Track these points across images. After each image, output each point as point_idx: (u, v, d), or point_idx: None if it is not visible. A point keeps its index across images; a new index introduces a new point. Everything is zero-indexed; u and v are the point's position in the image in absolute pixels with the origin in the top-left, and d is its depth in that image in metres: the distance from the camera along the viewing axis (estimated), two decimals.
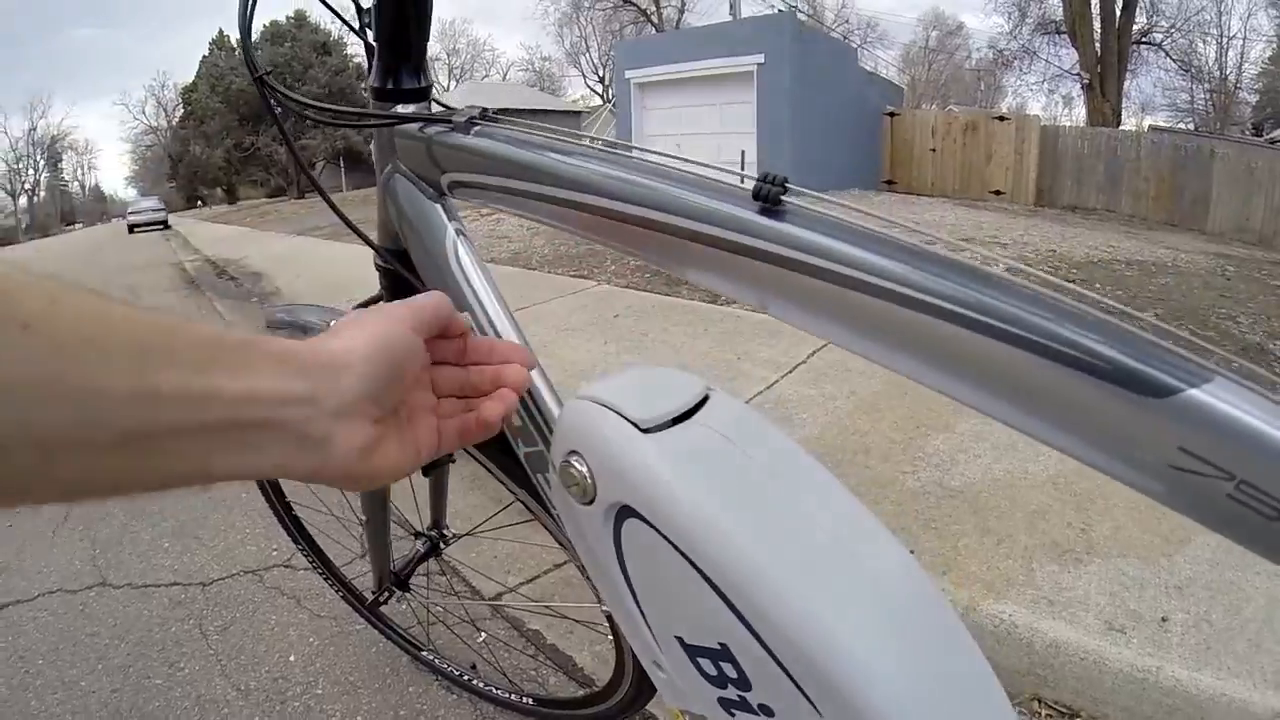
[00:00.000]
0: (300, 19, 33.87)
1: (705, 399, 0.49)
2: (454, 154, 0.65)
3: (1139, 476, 0.37)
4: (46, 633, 1.69)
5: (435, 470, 1.09)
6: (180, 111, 43.59)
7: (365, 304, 0.84)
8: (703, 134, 12.86)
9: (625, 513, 0.46)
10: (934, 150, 13.32)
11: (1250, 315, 4.28)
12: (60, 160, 58.44)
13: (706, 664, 0.45)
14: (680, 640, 0.47)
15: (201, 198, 42.99)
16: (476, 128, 0.63)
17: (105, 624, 1.71)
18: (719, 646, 0.44)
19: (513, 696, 1.25)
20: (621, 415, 0.46)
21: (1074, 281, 4.65)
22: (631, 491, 0.45)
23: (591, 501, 0.48)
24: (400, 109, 0.70)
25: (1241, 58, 27.47)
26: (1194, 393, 0.34)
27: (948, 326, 0.40)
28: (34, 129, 54.77)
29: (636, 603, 0.49)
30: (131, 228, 24.91)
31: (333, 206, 0.85)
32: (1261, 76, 28.41)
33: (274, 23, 33.62)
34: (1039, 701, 1.27)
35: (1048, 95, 31.63)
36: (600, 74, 39.34)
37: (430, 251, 0.71)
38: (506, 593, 1.65)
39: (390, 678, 1.44)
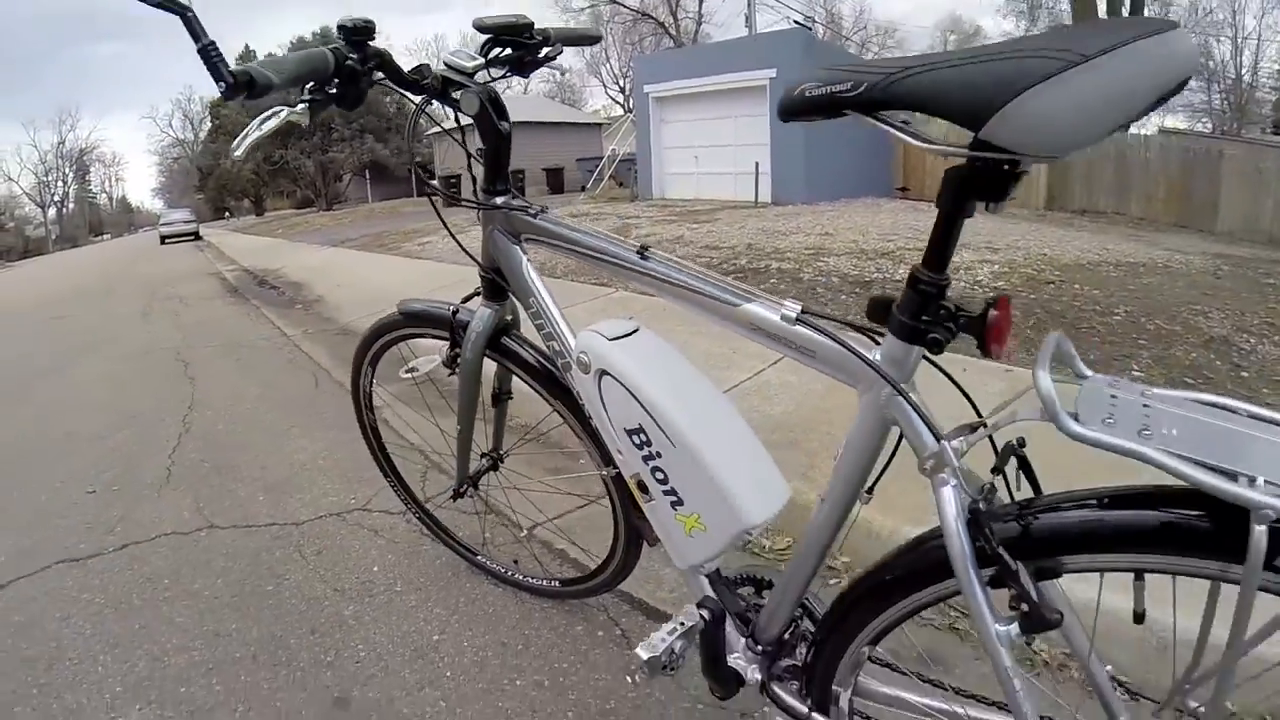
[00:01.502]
0: (326, 35, 34.68)
1: (637, 330, 0.98)
2: (525, 224, 1.23)
3: (772, 343, 0.88)
4: (168, 561, 2.15)
5: (499, 404, 1.56)
6: (207, 125, 44.81)
7: (467, 299, 1.35)
8: (719, 146, 13.31)
9: (602, 374, 1.01)
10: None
11: (1224, 311, 4.42)
12: (88, 172, 60.11)
13: (636, 438, 0.96)
14: (625, 430, 0.97)
15: (229, 209, 43.96)
16: (535, 213, 1.21)
17: (218, 553, 2.17)
18: (638, 426, 0.95)
19: (544, 582, 1.70)
20: (600, 335, 1.01)
21: (1051, 283, 4.99)
22: (604, 364, 1.00)
23: (588, 372, 0.98)
24: (499, 200, 1.26)
25: (1257, 56, 27.45)
26: (745, 306, 0.81)
27: (669, 288, 0.99)
28: (62, 142, 56.66)
29: (610, 423, 0.97)
30: (164, 239, 25.70)
31: (454, 236, 1.43)
32: None
33: (300, 39, 34.52)
34: None
35: None
36: (621, 84, 39.81)
37: (512, 270, 1.27)
38: (540, 524, 2.10)
39: (452, 579, 1.90)
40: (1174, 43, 0.55)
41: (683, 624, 1.06)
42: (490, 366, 1.47)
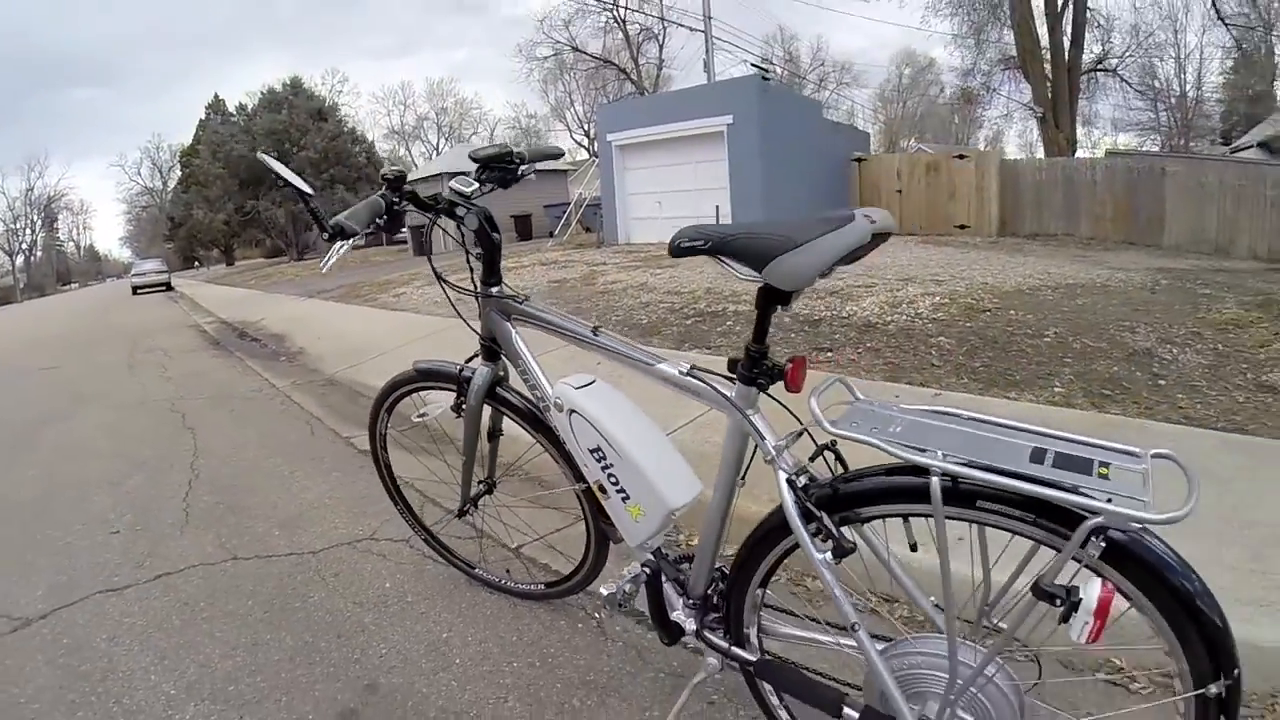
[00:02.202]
0: (296, 85, 35.21)
1: (594, 381, 1.40)
2: (513, 308, 1.67)
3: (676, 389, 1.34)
4: (200, 588, 2.46)
5: (493, 440, 1.96)
6: (176, 173, 44.81)
7: (470, 359, 1.73)
8: (680, 191, 13.82)
9: (572, 412, 1.44)
10: (900, 191, 14.27)
11: (1152, 325, 4.66)
12: (56, 220, 59.53)
13: (596, 455, 1.36)
14: (588, 449, 1.36)
15: (199, 258, 43.84)
16: (523, 303, 1.63)
17: (246, 579, 2.48)
18: (597, 446, 1.35)
19: (532, 586, 2.06)
20: (570, 385, 1.47)
21: (988, 311, 5.39)
22: (573, 405, 1.45)
23: (562, 411, 1.38)
24: (494, 290, 1.69)
25: (1200, 72, 28.78)
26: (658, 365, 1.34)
27: (613, 354, 1.45)
28: (31, 189, 55.78)
29: (578, 445, 1.36)
30: (135, 289, 25.44)
31: (461, 315, 1.80)
32: (1225, 86, 29.66)
33: (270, 90, 34.95)
34: None
35: (1023, 124, 33.03)
36: (585, 127, 40.59)
37: (505, 340, 1.70)
38: (527, 542, 2.44)
39: (454, 590, 2.24)
40: (850, 230, 1.03)
41: (631, 574, 1.48)
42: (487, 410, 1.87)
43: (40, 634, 2.25)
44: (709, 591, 1.39)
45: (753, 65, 24.39)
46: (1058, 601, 0.90)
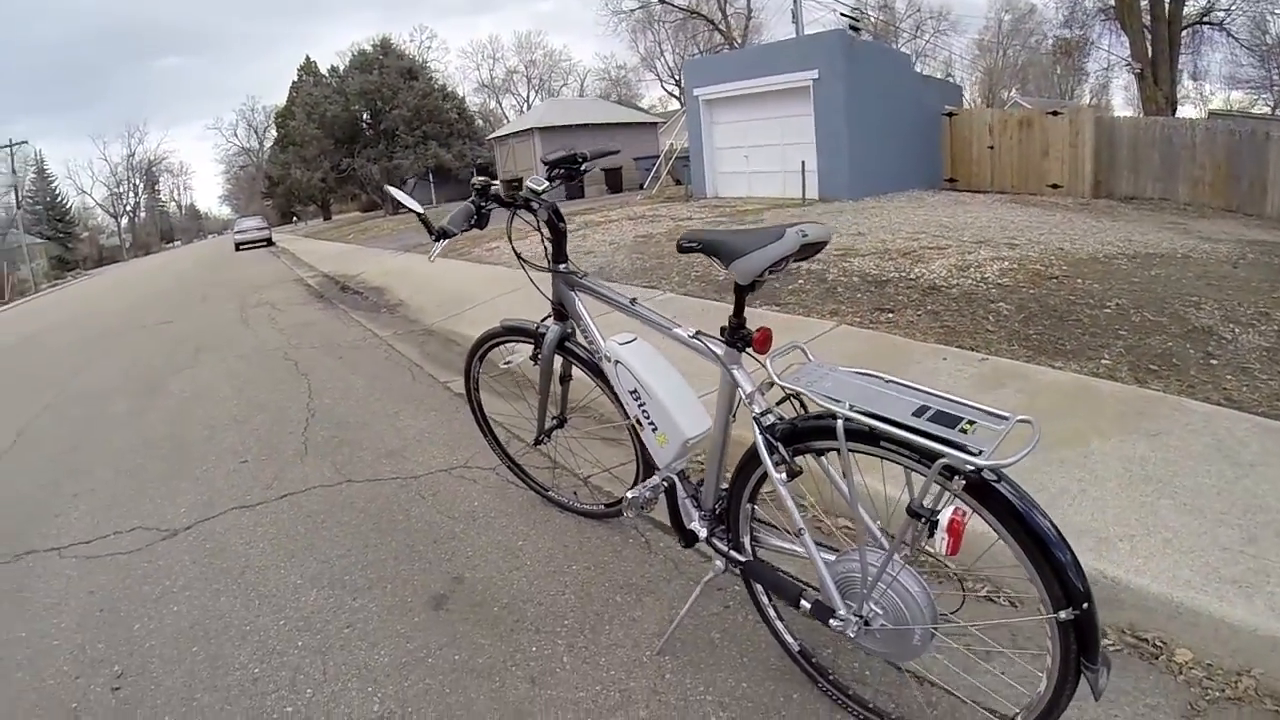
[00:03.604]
0: (385, 46, 36.15)
1: (635, 340, 1.76)
2: (575, 282, 2.09)
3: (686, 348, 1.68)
4: (320, 504, 2.96)
5: (564, 383, 2.37)
6: (272, 134, 46.86)
7: (545, 319, 2.15)
8: (767, 146, 13.71)
9: (617, 362, 1.85)
10: (992, 148, 13.79)
11: (1220, 302, 4.47)
12: (157, 182, 63.74)
13: (634, 395, 1.77)
14: (629, 391, 1.75)
15: (296, 214, 45.93)
16: (582, 278, 2.06)
17: (357, 498, 2.97)
18: (634, 389, 1.75)
19: (594, 507, 2.48)
20: (616, 343, 1.88)
21: (1055, 278, 5.37)
22: (618, 357, 1.87)
23: (610, 362, 1.77)
24: (561, 267, 2.09)
25: None
26: (674, 330, 1.66)
27: (645, 322, 1.84)
28: (132, 154, 60.15)
29: (622, 388, 1.76)
30: (238, 246, 26.64)
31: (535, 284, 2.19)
32: None
33: (361, 51, 35.95)
34: None
35: (1127, 78, 30.84)
36: (676, 77, 39.97)
37: (569, 305, 2.12)
38: (595, 473, 2.82)
39: (530, 509, 2.67)
40: (780, 244, 1.36)
41: (651, 484, 1.82)
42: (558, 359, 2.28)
43: (187, 541, 2.80)
44: (715, 506, 1.73)
45: (842, 15, 23.77)
46: (922, 520, 1.17)
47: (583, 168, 2.08)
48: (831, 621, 1.41)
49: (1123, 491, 2.14)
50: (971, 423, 1.15)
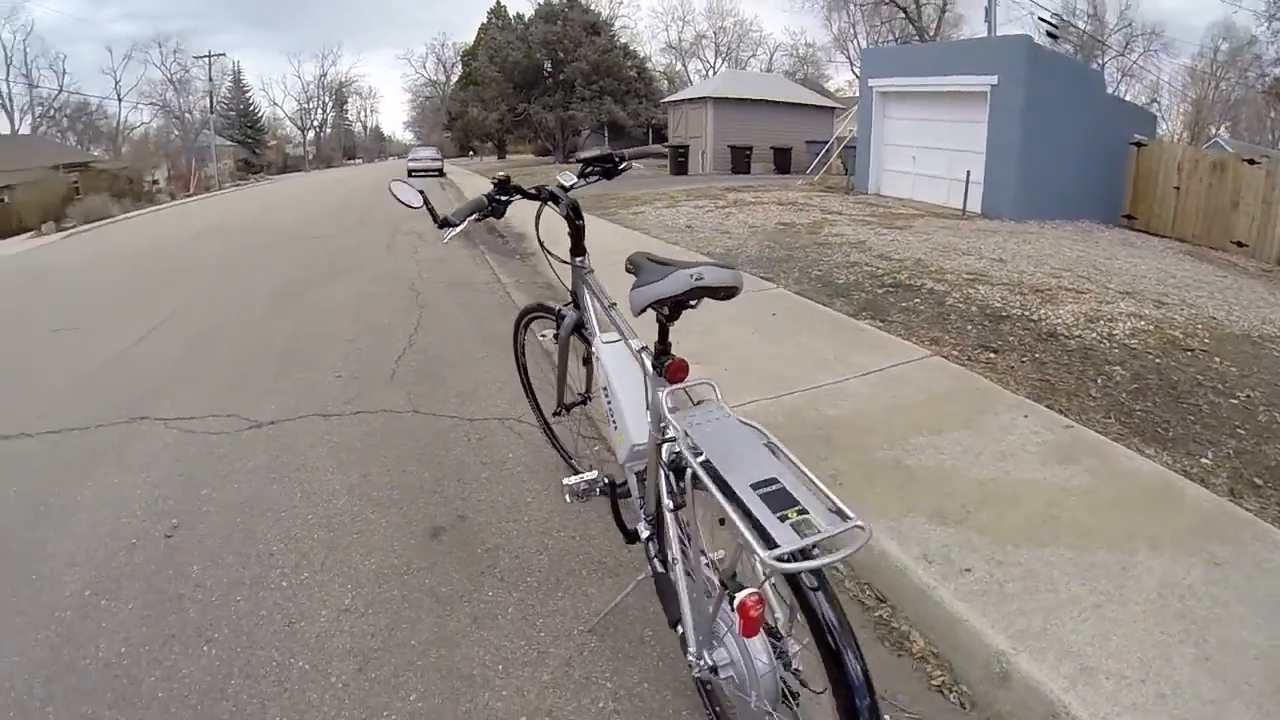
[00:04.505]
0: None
1: (619, 341, 1.89)
2: (584, 276, 2.17)
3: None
4: (383, 426, 3.33)
5: (588, 364, 2.48)
6: (458, 70, 49.07)
7: (566, 304, 2.28)
8: (936, 149, 12.89)
9: (598, 359, 2.02)
10: (1178, 188, 12.50)
11: None
12: (346, 103, 67.97)
13: (605, 392, 1.92)
14: (602, 387, 1.92)
15: (474, 149, 48.03)
16: (589, 274, 2.15)
17: (416, 428, 3.30)
18: (606, 386, 1.89)
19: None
20: (600, 339, 2.03)
21: (1190, 351, 4.80)
22: (599, 353, 2.02)
23: (595, 355, 1.96)
24: (578, 260, 2.16)
25: None
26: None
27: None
28: (324, 74, 64.77)
29: (600, 382, 1.91)
30: (410, 172, 27.76)
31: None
32: None
33: (548, 1, 36.84)
34: None
35: None
36: None
37: (579, 295, 2.22)
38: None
39: (554, 471, 2.87)
40: (666, 282, 1.41)
41: (589, 478, 1.94)
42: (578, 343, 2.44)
43: (265, 433, 3.28)
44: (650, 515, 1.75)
45: (1040, 20, 22.11)
46: (728, 589, 1.21)
47: (622, 166, 2.20)
48: (688, 655, 1.43)
49: (1144, 620, 1.85)
50: (804, 513, 1.10)
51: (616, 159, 2.19)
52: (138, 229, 15.46)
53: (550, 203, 2.14)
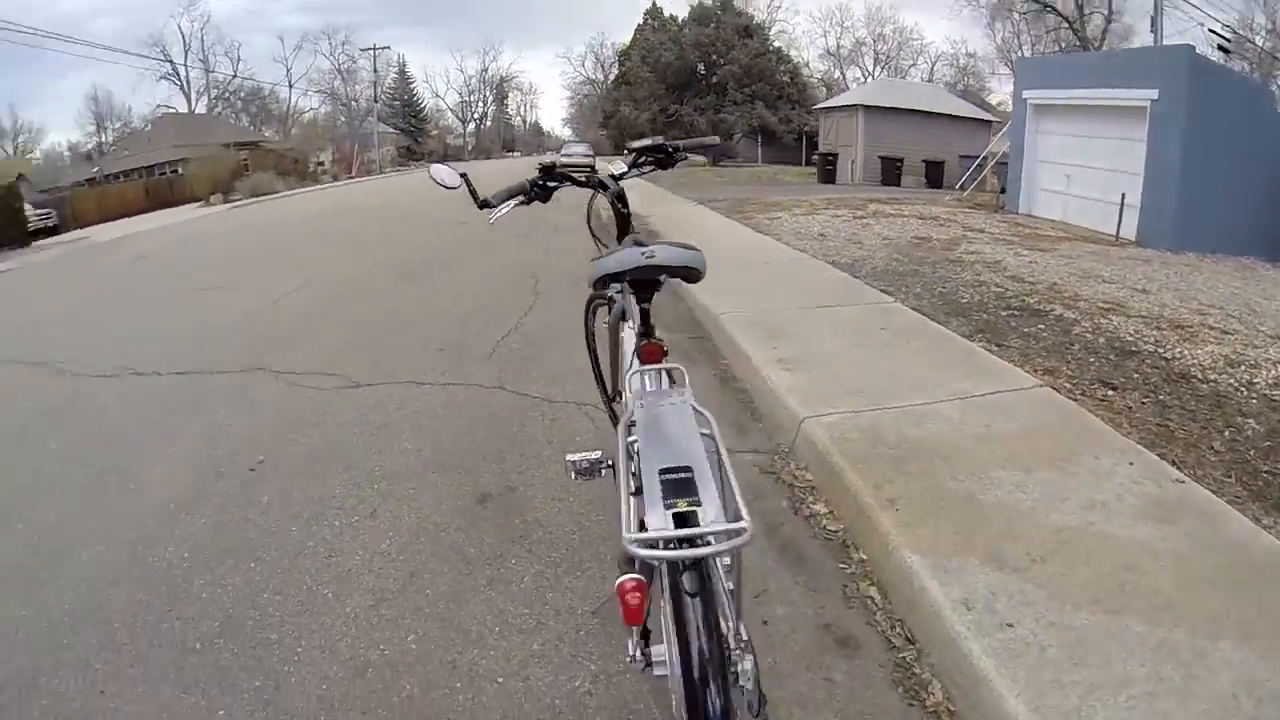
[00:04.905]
0: (725, 1, 36.85)
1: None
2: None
3: None
4: (468, 399, 3.52)
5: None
6: (615, 70, 50.06)
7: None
8: (1092, 169, 11.86)
9: (623, 340, 1.93)
10: None
11: None
12: (506, 97, 70.77)
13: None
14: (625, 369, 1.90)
15: (628, 147, 49.11)
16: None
17: (498, 403, 3.46)
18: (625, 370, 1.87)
19: None
20: (629, 326, 1.85)
21: None
22: (624, 338, 1.95)
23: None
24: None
25: None
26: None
27: None
28: (485, 69, 67.50)
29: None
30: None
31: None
32: None
33: (701, 4, 37.00)
34: None
35: None
36: None
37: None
38: None
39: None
40: (617, 256, 1.58)
41: (594, 457, 1.91)
42: None
43: (361, 392, 3.59)
44: None
45: (1211, 32, 19.92)
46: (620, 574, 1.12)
47: (676, 158, 2.21)
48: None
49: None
50: (696, 505, 1.08)
51: (670, 149, 2.21)
52: (298, 204, 17.16)
53: (599, 190, 2.19)
